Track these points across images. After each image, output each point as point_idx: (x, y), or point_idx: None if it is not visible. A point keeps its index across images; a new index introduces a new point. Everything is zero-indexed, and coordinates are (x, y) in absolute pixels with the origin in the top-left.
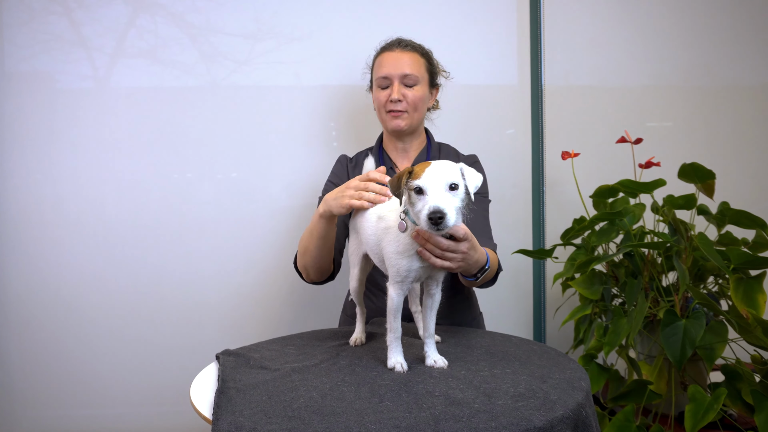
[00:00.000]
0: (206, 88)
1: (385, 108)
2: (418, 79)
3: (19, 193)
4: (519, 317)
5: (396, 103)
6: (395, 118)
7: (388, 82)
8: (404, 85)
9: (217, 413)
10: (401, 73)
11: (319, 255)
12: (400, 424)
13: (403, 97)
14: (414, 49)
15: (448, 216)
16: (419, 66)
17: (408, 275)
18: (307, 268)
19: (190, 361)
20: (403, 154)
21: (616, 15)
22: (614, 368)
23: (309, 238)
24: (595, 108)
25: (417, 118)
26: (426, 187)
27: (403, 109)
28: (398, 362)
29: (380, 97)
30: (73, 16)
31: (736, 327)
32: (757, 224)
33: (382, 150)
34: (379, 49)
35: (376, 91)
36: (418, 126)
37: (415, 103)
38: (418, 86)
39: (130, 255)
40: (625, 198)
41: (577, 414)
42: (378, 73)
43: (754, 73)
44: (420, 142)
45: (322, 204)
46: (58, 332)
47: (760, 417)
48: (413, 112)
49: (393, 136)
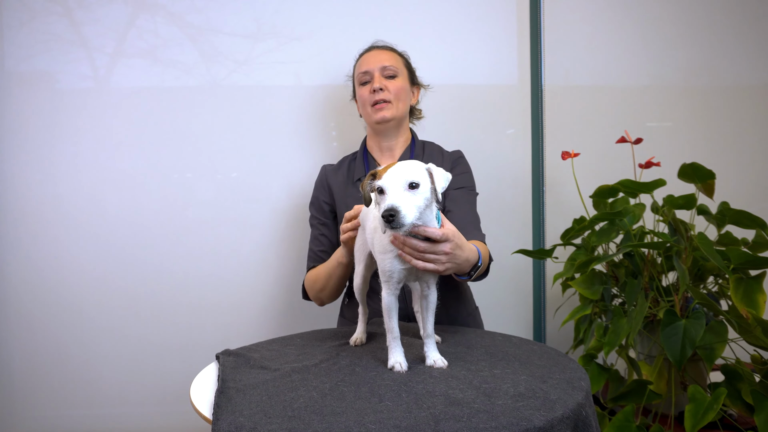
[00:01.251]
0: (206, 88)
1: (369, 102)
2: (397, 71)
3: (19, 193)
4: (519, 317)
5: (379, 92)
6: (380, 110)
7: (368, 77)
8: (385, 77)
9: (217, 413)
10: (380, 65)
11: (337, 290)
12: (400, 424)
13: (385, 87)
14: (390, 49)
15: (401, 213)
16: (396, 60)
17: (392, 275)
18: (324, 300)
19: (190, 361)
20: (388, 154)
21: (616, 15)
22: (614, 368)
23: (327, 280)
24: (595, 108)
25: (401, 109)
26: (385, 186)
27: (386, 98)
28: (397, 362)
29: (363, 92)
30: (73, 16)
31: (736, 327)
32: (757, 224)
33: (366, 152)
34: (357, 56)
35: (359, 90)
36: (402, 119)
37: (398, 93)
38: (398, 78)
39: (130, 255)
40: (625, 198)
41: (577, 414)
42: (358, 71)
43: (754, 73)
44: (405, 140)
45: (341, 254)
46: (58, 332)
47: (760, 417)
48: (396, 101)
49: (378, 131)
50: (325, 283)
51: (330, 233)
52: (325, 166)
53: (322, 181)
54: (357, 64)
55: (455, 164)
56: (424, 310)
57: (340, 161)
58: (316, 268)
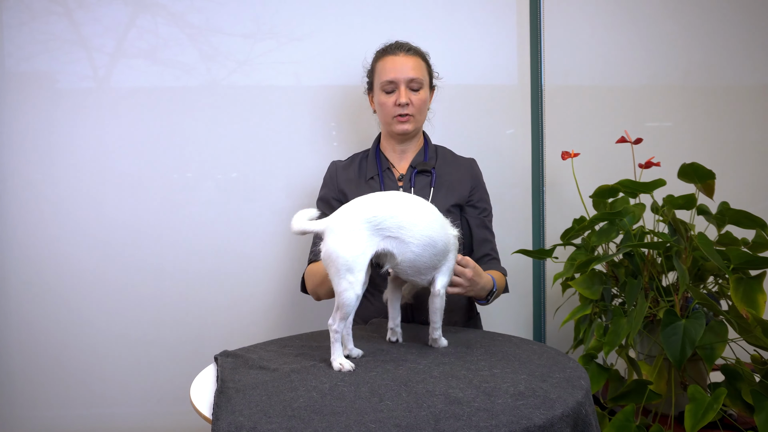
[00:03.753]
0: (206, 88)
1: (392, 113)
2: (422, 83)
3: (19, 192)
4: (519, 317)
5: (404, 107)
6: (402, 122)
7: (393, 86)
8: (410, 89)
9: (217, 413)
10: (407, 77)
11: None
12: (400, 423)
13: (411, 102)
14: (416, 53)
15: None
16: (422, 70)
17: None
18: (320, 295)
19: (190, 361)
20: (401, 155)
21: (616, 15)
22: (614, 368)
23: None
24: (595, 108)
25: (421, 121)
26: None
27: (410, 113)
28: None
29: (387, 101)
30: (73, 16)
31: (736, 327)
32: (757, 224)
33: (379, 151)
34: (380, 52)
35: (380, 96)
36: (420, 128)
37: (420, 107)
38: (422, 90)
39: (130, 255)
40: (625, 198)
41: (576, 412)
42: (382, 77)
43: (754, 73)
44: (418, 144)
45: None
46: (58, 332)
47: (760, 417)
48: (418, 115)
49: (397, 140)
50: (323, 279)
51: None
52: (336, 162)
53: (332, 177)
54: (380, 64)
55: (476, 184)
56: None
57: (351, 158)
58: (317, 262)
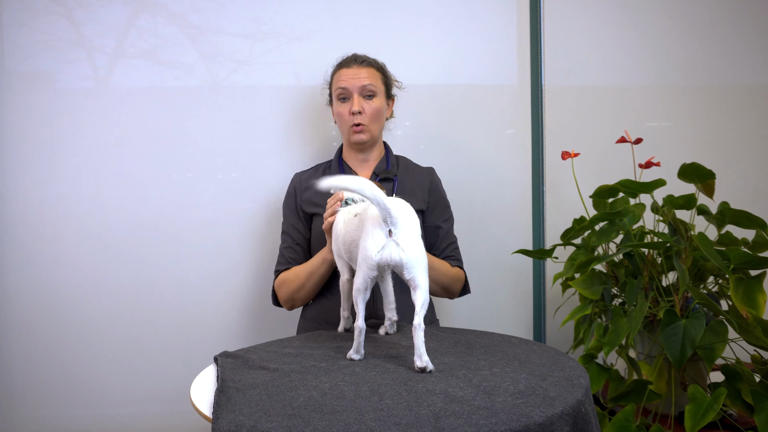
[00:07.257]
0: (206, 88)
1: (348, 122)
2: (375, 90)
3: (20, 193)
4: (519, 317)
5: (356, 116)
6: (357, 132)
7: (347, 93)
8: (363, 98)
9: (217, 412)
10: (360, 84)
11: (315, 289)
12: (400, 421)
13: (363, 110)
14: (370, 65)
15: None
16: (376, 79)
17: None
18: (296, 301)
19: (190, 361)
20: (363, 164)
21: (616, 15)
22: (614, 368)
23: (307, 279)
24: (595, 108)
25: (376, 130)
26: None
27: (363, 122)
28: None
29: (342, 111)
30: (73, 16)
31: (736, 327)
32: (757, 224)
33: (342, 161)
34: (336, 66)
35: (336, 105)
36: (378, 137)
37: (374, 115)
38: (376, 98)
39: (130, 255)
40: (625, 198)
41: (576, 410)
42: (337, 86)
43: (754, 73)
44: (379, 152)
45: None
46: (58, 332)
47: (760, 417)
48: (371, 123)
49: (356, 149)
50: (304, 281)
51: (304, 242)
52: (299, 174)
53: (297, 189)
54: (336, 75)
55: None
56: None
57: (315, 167)
58: (290, 270)
